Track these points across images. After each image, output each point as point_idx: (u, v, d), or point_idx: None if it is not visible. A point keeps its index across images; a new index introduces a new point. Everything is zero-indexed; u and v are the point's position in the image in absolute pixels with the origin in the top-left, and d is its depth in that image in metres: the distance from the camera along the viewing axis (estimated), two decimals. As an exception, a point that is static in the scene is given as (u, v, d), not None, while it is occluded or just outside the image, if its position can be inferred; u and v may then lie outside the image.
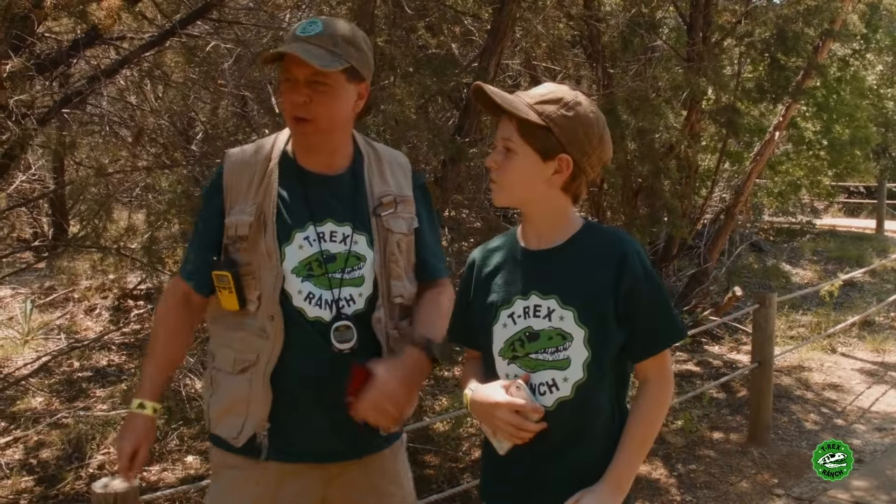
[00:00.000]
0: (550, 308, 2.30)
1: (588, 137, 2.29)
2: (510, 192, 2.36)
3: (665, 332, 2.33)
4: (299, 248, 2.60)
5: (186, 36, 6.32)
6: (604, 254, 2.31)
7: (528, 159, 2.30)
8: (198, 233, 2.75)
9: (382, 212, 2.70)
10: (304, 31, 2.54)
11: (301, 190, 2.65)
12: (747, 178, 10.60)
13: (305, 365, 2.57)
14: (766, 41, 8.37)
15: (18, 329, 9.31)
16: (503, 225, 7.76)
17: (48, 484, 5.99)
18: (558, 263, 2.34)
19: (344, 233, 2.64)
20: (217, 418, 2.67)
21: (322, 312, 2.59)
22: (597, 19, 7.67)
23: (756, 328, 6.89)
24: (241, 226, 2.59)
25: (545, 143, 2.28)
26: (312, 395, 2.58)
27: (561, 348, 2.28)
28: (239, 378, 2.61)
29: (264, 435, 2.58)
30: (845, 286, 12.20)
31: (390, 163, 2.81)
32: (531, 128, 2.28)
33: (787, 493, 6.01)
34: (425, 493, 5.39)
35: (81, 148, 7.76)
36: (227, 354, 2.66)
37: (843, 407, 7.90)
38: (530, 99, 2.31)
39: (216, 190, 2.69)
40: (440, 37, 7.20)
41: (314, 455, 2.62)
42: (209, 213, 2.70)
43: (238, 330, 2.63)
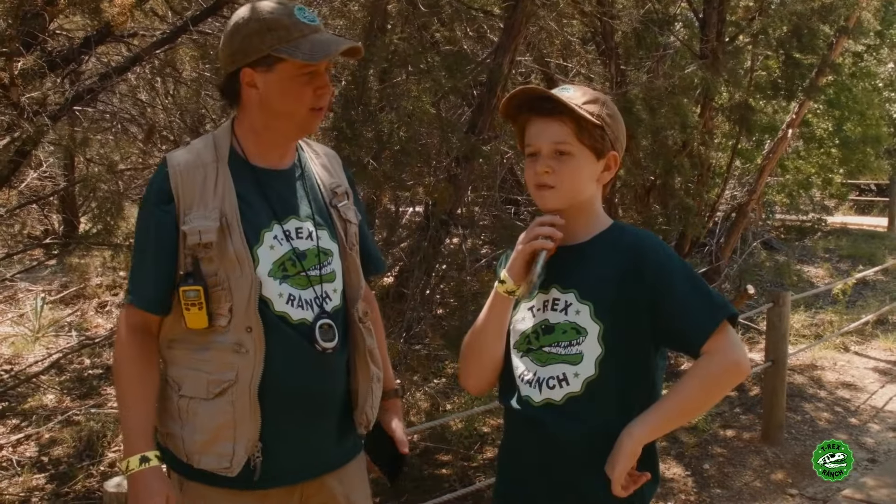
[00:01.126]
0: (568, 302, 2.31)
1: (624, 134, 2.38)
2: (570, 195, 2.33)
3: (710, 312, 2.22)
4: (271, 249, 2.46)
5: (198, 33, 6.30)
6: (625, 250, 2.29)
7: (586, 159, 2.31)
8: (146, 250, 2.46)
9: (338, 202, 2.64)
10: (311, 19, 2.45)
11: (257, 188, 2.50)
12: (759, 176, 10.57)
13: (292, 373, 2.44)
14: (780, 38, 8.32)
15: (30, 326, 9.32)
16: (516, 223, 7.75)
17: (60, 481, 5.99)
18: (581, 259, 2.34)
19: (308, 228, 2.54)
20: (200, 451, 2.43)
21: (305, 313, 2.48)
22: (610, 16, 7.63)
23: (770, 327, 6.85)
24: (205, 232, 2.36)
25: (599, 143, 2.30)
26: (300, 404, 2.47)
27: (574, 342, 2.28)
28: (217, 402, 2.40)
29: (257, 456, 2.42)
30: (858, 284, 12.15)
31: (326, 155, 2.76)
32: (588, 128, 2.28)
33: (800, 492, 5.98)
34: (438, 492, 5.37)
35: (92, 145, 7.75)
36: (197, 379, 2.42)
37: (856, 406, 7.86)
38: (576, 100, 2.30)
39: (164, 198, 2.43)
40: (453, 34, 7.18)
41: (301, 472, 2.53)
42: (159, 226, 2.42)
43: (206, 350, 2.42)
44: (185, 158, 2.48)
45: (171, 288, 2.42)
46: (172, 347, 2.50)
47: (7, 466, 6.16)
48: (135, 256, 2.52)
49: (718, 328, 2.21)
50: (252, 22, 2.40)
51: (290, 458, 2.48)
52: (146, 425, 2.45)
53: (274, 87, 2.43)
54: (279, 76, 2.41)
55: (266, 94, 2.44)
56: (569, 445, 2.29)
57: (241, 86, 2.48)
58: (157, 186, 2.45)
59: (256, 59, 2.41)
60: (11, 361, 8.49)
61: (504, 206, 8.46)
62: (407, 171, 6.01)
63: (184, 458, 2.46)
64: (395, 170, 5.73)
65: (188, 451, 2.44)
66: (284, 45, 2.38)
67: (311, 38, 2.40)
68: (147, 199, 2.48)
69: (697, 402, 2.28)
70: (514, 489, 2.45)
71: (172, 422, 2.48)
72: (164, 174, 2.45)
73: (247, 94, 2.48)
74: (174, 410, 2.47)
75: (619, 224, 2.42)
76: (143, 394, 2.46)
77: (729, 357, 2.21)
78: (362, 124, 5.48)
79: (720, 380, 2.24)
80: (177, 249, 2.41)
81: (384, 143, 5.58)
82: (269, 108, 2.46)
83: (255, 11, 2.42)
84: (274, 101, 2.44)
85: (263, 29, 2.38)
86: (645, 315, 2.25)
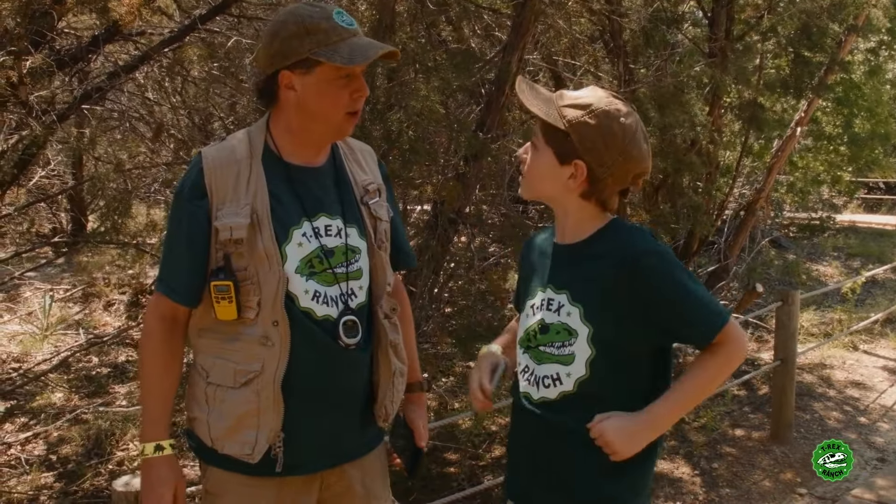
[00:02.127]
0: (561, 303, 2.35)
1: (608, 148, 2.27)
2: (531, 187, 2.43)
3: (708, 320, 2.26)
4: (299, 246, 2.51)
5: (206, 32, 6.30)
6: (618, 254, 2.29)
7: (546, 159, 2.34)
8: (179, 243, 2.53)
9: (369, 200, 2.68)
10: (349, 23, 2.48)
11: (289, 185, 2.55)
12: (768, 174, 10.54)
13: (315, 368, 2.51)
14: (789, 36, 8.30)
15: (38, 324, 9.34)
16: (524, 222, 7.74)
17: (68, 480, 6.00)
18: (575, 260, 2.37)
19: (337, 226, 2.58)
20: (224, 436, 2.51)
21: (329, 310, 2.53)
22: (618, 14, 7.61)
23: (779, 325, 6.83)
24: (237, 228, 2.43)
25: (562, 147, 2.31)
26: (322, 398, 2.53)
27: (567, 343, 2.32)
28: (243, 391, 2.48)
29: (279, 446, 2.49)
30: (867, 283, 12.12)
31: (361, 152, 2.79)
32: (552, 129, 2.30)
33: (810, 491, 5.96)
34: (446, 491, 5.37)
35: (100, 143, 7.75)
36: (225, 367, 2.51)
37: (865, 405, 7.83)
38: (563, 101, 2.32)
39: (197, 193, 2.48)
40: (461, 32, 7.17)
41: (322, 462, 2.60)
42: (191, 220, 2.49)
43: (235, 340, 2.49)
44: (220, 154, 2.53)
45: (201, 280, 2.50)
46: (202, 336, 2.58)
47: (16, 465, 6.17)
48: (166, 248, 2.58)
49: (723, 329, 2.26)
50: (291, 25, 2.44)
51: (311, 448, 2.55)
52: (164, 414, 2.59)
53: (311, 90, 2.47)
54: (317, 79, 2.45)
55: (303, 96, 2.49)
56: (562, 442, 2.34)
57: (279, 87, 2.51)
58: (190, 181, 2.51)
59: (295, 61, 2.45)
60: (20, 359, 8.50)
61: (513, 204, 8.44)
62: (415, 170, 6.01)
63: (208, 443, 2.55)
64: (404, 168, 5.72)
65: (213, 436, 2.53)
66: (323, 48, 2.41)
67: (350, 42, 2.44)
68: (180, 194, 2.53)
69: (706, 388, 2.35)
70: (514, 479, 2.53)
71: (199, 407, 2.57)
72: (199, 169, 2.50)
73: (284, 95, 2.52)
74: (201, 396, 2.56)
75: (617, 222, 2.40)
76: (165, 384, 2.58)
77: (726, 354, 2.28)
78: (370, 123, 5.47)
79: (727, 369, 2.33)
80: (208, 243, 2.48)
81: (392, 141, 5.57)
82: (305, 111, 2.51)
83: (295, 15, 2.46)
84: (311, 103, 2.49)
85: (303, 32, 2.42)
86: (639, 318, 2.26)
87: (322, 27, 2.41)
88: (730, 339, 2.27)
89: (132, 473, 3.13)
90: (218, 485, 2.60)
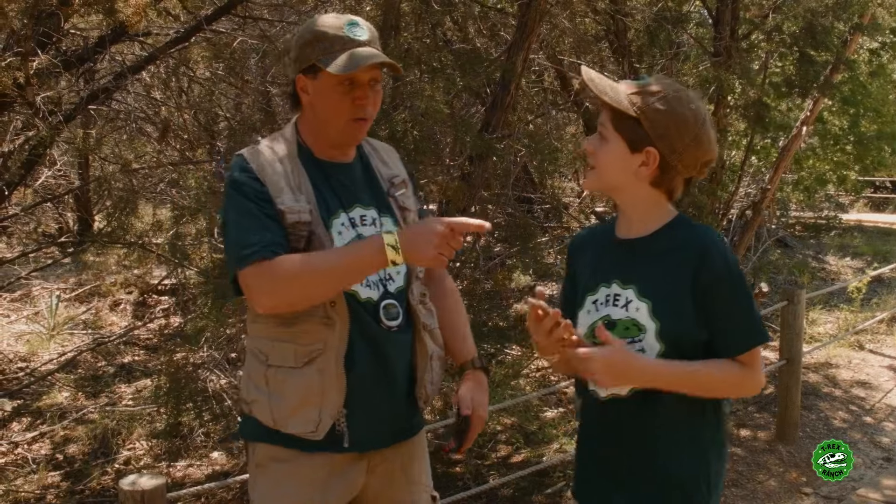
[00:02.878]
0: (628, 298, 2.35)
1: (680, 134, 2.28)
2: (600, 178, 2.39)
3: (747, 334, 2.32)
4: (339, 234, 2.60)
5: (212, 32, 6.32)
6: (686, 249, 2.32)
7: (617, 148, 2.33)
8: (249, 212, 2.51)
9: (396, 192, 2.79)
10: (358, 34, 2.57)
11: (324, 179, 2.66)
12: (774, 174, 10.50)
13: (364, 346, 2.58)
14: (794, 35, 8.29)
15: (44, 324, 9.36)
16: (530, 221, 7.75)
17: (74, 479, 6.02)
18: (641, 254, 2.39)
19: (372, 216, 2.69)
20: (288, 415, 2.57)
21: (371, 293, 2.62)
22: (623, 14, 7.62)
23: (784, 325, 6.82)
24: (303, 212, 2.53)
25: (634, 134, 2.30)
26: (375, 376, 2.61)
27: (636, 339, 2.32)
28: (306, 370, 2.55)
29: (343, 422, 2.57)
30: (873, 282, 12.09)
31: (385, 150, 2.92)
32: (622, 117, 2.30)
33: (815, 491, 5.96)
34: (451, 490, 5.38)
35: (106, 144, 7.78)
36: (285, 349, 2.58)
37: (871, 404, 7.82)
38: (631, 88, 2.32)
39: (254, 180, 2.54)
40: (466, 32, 7.18)
41: (377, 440, 2.66)
42: (256, 198, 2.52)
43: (295, 323, 2.56)
44: (262, 152, 2.63)
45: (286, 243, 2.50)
46: (257, 321, 2.65)
47: (22, 464, 6.20)
48: (236, 226, 2.54)
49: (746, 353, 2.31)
50: (307, 33, 2.60)
51: (365, 427, 2.61)
52: None
53: (318, 96, 2.60)
54: (322, 85, 2.58)
55: (314, 100, 2.62)
56: (634, 439, 2.37)
57: (298, 90, 2.66)
58: (243, 171, 2.57)
59: (306, 67, 2.59)
60: (26, 359, 8.53)
61: (518, 204, 8.45)
62: (420, 170, 6.01)
63: (270, 424, 2.60)
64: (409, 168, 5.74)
65: (276, 416, 2.59)
66: (325, 56, 2.54)
67: (350, 52, 2.53)
68: (235, 180, 2.57)
69: (709, 388, 2.34)
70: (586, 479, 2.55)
71: (258, 391, 2.63)
72: (247, 166, 2.58)
73: (303, 98, 2.66)
74: (261, 380, 2.62)
75: (683, 218, 2.42)
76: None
77: (755, 378, 2.34)
78: (376, 123, 5.48)
79: (736, 389, 2.41)
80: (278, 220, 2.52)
81: (398, 141, 5.57)
82: (316, 114, 2.65)
83: (314, 23, 2.62)
84: (318, 107, 2.62)
85: (313, 40, 2.56)
86: (700, 313, 2.29)
87: (329, 36, 2.54)
88: (754, 365, 2.33)
89: (138, 473, 3.14)
90: (271, 455, 2.65)
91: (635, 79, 2.38)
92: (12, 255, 9.42)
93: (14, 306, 10.33)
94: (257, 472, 2.70)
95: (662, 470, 2.36)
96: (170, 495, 3.31)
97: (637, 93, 2.29)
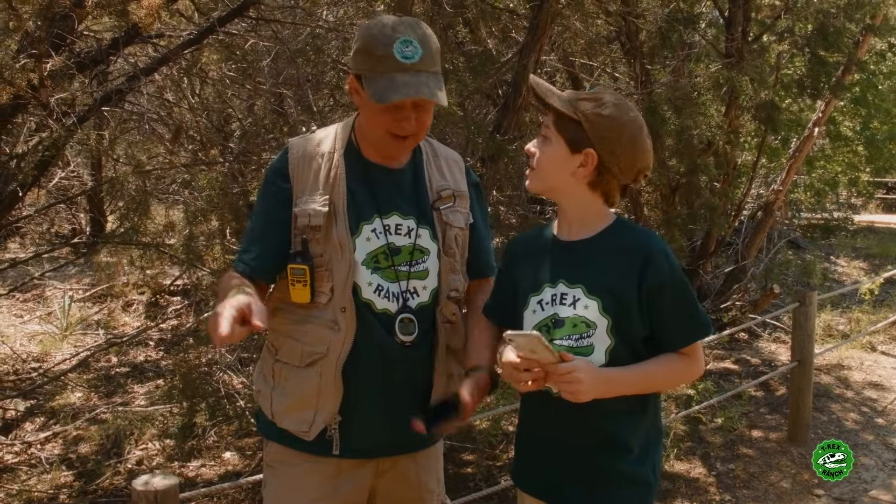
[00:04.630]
0: (576, 297, 2.43)
1: (619, 138, 2.40)
2: (541, 178, 2.51)
3: (692, 329, 2.44)
4: (367, 241, 2.61)
5: (225, 34, 6.33)
6: (631, 249, 2.43)
7: (558, 148, 2.44)
8: (258, 221, 2.69)
9: (441, 205, 2.74)
10: (407, 56, 2.50)
11: (367, 182, 2.66)
12: (785, 175, 10.50)
13: (373, 357, 2.59)
14: (806, 36, 8.28)
15: (57, 324, 9.40)
16: (541, 222, 7.74)
17: (87, 479, 6.03)
18: (586, 255, 2.47)
19: (409, 226, 2.67)
20: (284, 412, 2.65)
21: (389, 304, 2.61)
22: (635, 15, 7.61)
23: (796, 326, 6.81)
24: (315, 216, 2.57)
25: (575, 135, 2.41)
26: (378, 388, 2.61)
27: (585, 336, 2.41)
28: (307, 371, 2.60)
29: (335, 428, 2.60)
30: (885, 283, 12.05)
31: (446, 159, 2.87)
32: (565, 119, 2.41)
33: (827, 493, 5.95)
34: (463, 491, 5.39)
35: (120, 145, 7.81)
36: (293, 347, 2.63)
37: (883, 406, 7.81)
38: (574, 96, 2.44)
39: (282, 177, 2.65)
40: (478, 33, 7.18)
41: (376, 450, 2.67)
42: (275, 199, 2.65)
43: (306, 323, 2.61)
44: (305, 147, 2.69)
45: (270, 259, 2.62)
46: (275, 315, 2.70)
47: (35, 464, 6.22)
48: (248, 225, 2.76)
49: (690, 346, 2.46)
50: (362, 38, 2.55)
51: (365, 435, 2.63)
52: None
53: (363, 105, 2.62)
54: (365, 97, 2.56)
55: (360, 105, 2.65)
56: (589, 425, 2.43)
57: (350, 90, 2.66)
58: (277, 166, 2.69)
59: (356, 73, 2.59)
60: (40, 359, 8.56)
61: (530, 205, 8.45)
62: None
63: (269, 416, 2.70)
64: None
65: (274, 410, 2.67)
66: (368, 73, 2.52)
67: (391, 77, 2.49)
68: (268, 176, 2.70)
69: (657, 385, 2.50)
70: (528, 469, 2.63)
71: (265, 382, 2.73)
72: (285, 159, 2.68)
73: (355, 99, 2.67)
74: (269, 371, 2.72)
75: (622, 221, 2.54)
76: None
77: (698, 366, 2.49)
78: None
79: (682, 379, 2.58)
80: (286, 225, 2.61)
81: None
82: (362, 119, 2.69)
83: (369, 29, 2.56)
84: (362, 114, 2.67)
85: (364, 49, 2.53)
86: (645, 309, 2.40)
87: (377, 54, 2.49)
88: (696, 355, 2.48)
89: (151, 473, 3.16)
90: (277, 457, 2.71)
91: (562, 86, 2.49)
92: (26, 255, 9.45)
93: (27, 307, 10.36)
94: (268, 472, 2.76)
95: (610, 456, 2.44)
96: (182, 496, 3.32)
97: (581, 99, 2.42)
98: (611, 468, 2.44)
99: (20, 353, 8.57)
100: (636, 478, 2.47)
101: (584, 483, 2.46)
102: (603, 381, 2.33)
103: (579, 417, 2.40)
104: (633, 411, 2.45)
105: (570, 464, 2.47)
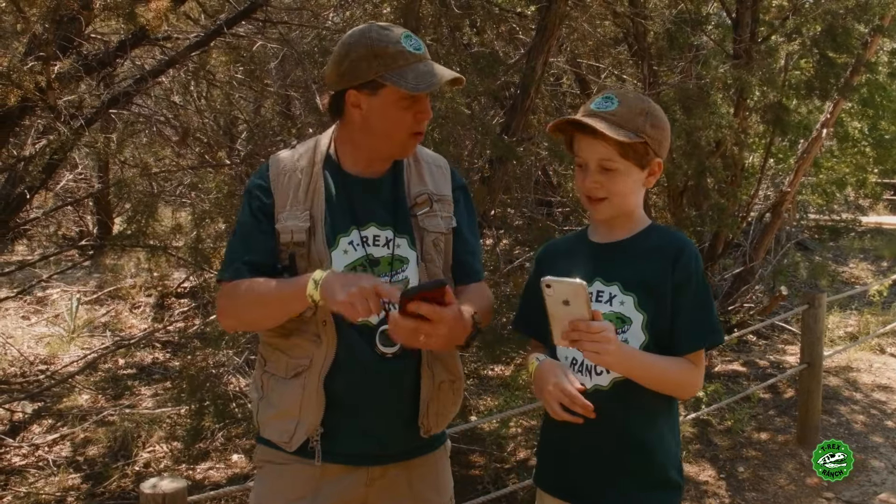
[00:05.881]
0: (612, 293, 2.47)
1: (667, 136, 2.52)
2: (620, 206, 2.52)
3: (703, 334, 2.47)
4: (344, 253, 2.60)
5: (232, 36, 6.34)
6: (665, 248, 2.48)
7: (631, 172, 2.49)
8: (242, 235, 2.65)
9: (417, 211, 2.71)
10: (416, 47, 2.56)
11: (344, 194, 2.65)
12: (793, 176, 10.48)
13: (353, 369, 2.57)
14: (814, 37, 8.26)
15: (65, 326, 9.41)
16: (549, 224, 7.74)
17: (95, 481, 6.04)
18: (623, 254, 2.53)
19: (387, 236, 2.65)
20: (267, 422, 2.67)
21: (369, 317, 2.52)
22: (642, 17, 7.59)
23: (805, 329, 6.80)
24: (297, 232, 2.56)
25: (643, 154, 2.47)
26: (360, 399, 2.60)
27: (620, 332, 2.42)
28: (292, 383, 2.60)
29: (316, 440, 2.59)
30: (894, 285, 12.04)
31: (429, 164, 2.83)
32: (632, 146, 2.43)
33: (836, 496, 5.93)
34: (471, 494, 5.38)
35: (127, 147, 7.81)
36: (279, 359, 2.64)
37: (892, 408, 7.78)
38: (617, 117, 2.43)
39: (265, 192, 2.63)
40: (485, 35, 7.17)
41: (361, 459, 2.64)
42: (260, 213, 2.62)
43: (291, 335, 2.61)
44: (285, 162, 2.69)
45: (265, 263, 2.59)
46: None
47: (43, 466, 6.23)
48: (235, 234, 2.70)
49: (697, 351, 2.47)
50: (360, 47, 2.53)
51: (349, 444, 2.62)
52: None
53: (377, 111, 2.57)
54: (383, 101, 2.54)
55: (368, 115, 2.58)
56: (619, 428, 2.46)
57: (346, 104, 2.61)
58: (258, 182, 2.67)
59: (363, 82, 2.54)
60: (47, 361, 8.58)
61: (538, 207, 8.44)
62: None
63: (256, 425, 2.74)
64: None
65: (260, 418, 2.70)
66: (390, 72, 2.50)
67: (416, 68, 2.53)
68: (249, 191, 2.69)
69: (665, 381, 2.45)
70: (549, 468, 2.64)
71: (255, 390, 2.75)
72: (266, 175, 2.68)
73: (350, 112, 2.61)
74: (258, 381, 2.73)
75: (657, 225, 2.60)
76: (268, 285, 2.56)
77: (698, 378, 2.49)
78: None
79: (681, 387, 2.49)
80: (268, 239, 2.61)
81: (418, 144, 5.59)
82: (370, 129, 2.61)
83: (366, 37, 2.55)
84: (375, 123, 2.59)
85: (371, 55, 2.51)
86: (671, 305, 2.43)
87: (389, 52, 2.50)
88: (700, 365, 2.48)
89: (159, 475, 3.16)
90: (264, 458, 2.72)
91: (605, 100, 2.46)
92: (33, 258, 9.47)
93: (35, 309, 10.38)
94: (256, 472, 2.79)
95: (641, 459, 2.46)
96: (190, 499, 3.32)
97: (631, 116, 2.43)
98: (643, 471, 2.46)
99: (27, 356, 8.58)
100: (667, 480, 2.49)
101: (615, 486, 2.47)
102: (626, 354, 2.34)
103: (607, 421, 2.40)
104: (659, 413, 2.49)
105: (601, 467, 2.48)
